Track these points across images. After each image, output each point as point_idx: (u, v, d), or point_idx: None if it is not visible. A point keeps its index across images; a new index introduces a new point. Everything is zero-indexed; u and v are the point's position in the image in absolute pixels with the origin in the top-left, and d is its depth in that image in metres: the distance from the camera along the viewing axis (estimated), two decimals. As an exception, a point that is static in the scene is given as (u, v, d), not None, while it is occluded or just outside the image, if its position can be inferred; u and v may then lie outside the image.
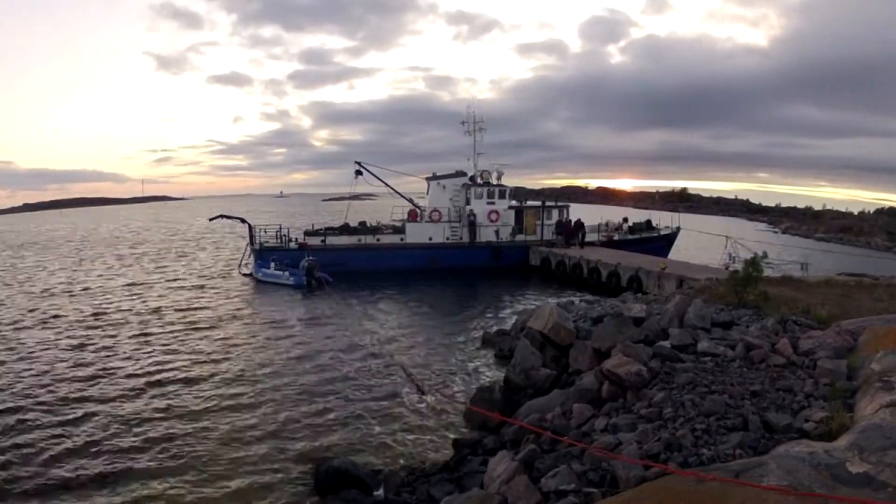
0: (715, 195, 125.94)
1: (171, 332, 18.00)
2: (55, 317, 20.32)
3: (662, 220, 35.18)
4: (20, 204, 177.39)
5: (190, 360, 14.93)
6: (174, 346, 16.28)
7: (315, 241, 30.10)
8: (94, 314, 20.57)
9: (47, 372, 13.84)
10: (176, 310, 21.32)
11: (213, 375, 13.65)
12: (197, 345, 16.47)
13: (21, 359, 15.02)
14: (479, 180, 32.01)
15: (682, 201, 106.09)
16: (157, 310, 21.31)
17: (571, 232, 30.97)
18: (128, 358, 15.06)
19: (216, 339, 17.07)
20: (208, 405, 11.80)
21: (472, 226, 30.87)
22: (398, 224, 32.08)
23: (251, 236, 30.07)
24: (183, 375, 13.65)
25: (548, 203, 34.37)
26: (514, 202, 33.34)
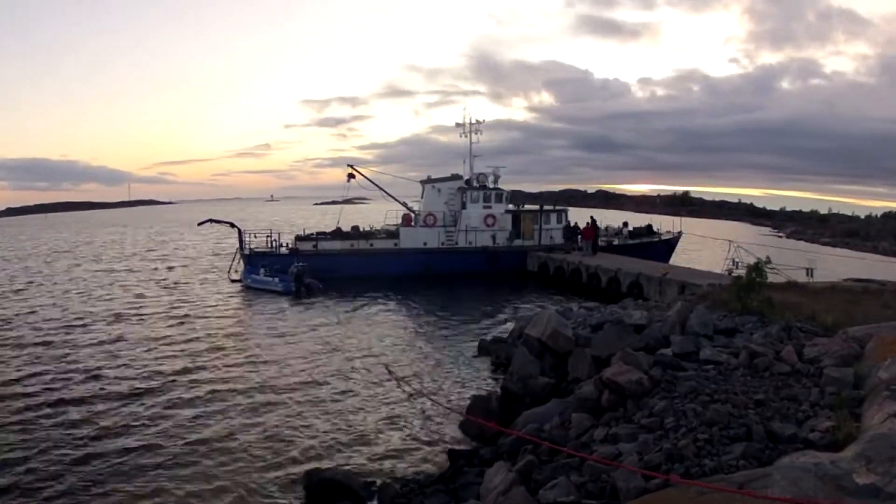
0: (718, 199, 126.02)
1: (157, 338, 17.74)
2: (33, 319, 20.15)
3: (664, 224, 34.95)
4: (3, 208, 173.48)
5: (174, 367, 14.67)
6: (159, 354, 16.04)
7: (307, 246, 29.92)
8: (77, 319, 20.37)
9: (27, 382, 13.50)
10: (162, 316, 21.10)
11: (197, 384, 13.39)
12: (181, 352, 16.19)
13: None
14: (475, 183, 31.84)
15: (683, 205, 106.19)
16: (142, 316, 21.10)
17: (577, 235, 30.61)
18: (111, 365, 14.80)
19: (200, 347, 16.73)
20: (192, 414, 11.56)
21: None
22: (392, 228, 31.92)
23: (241, 241, 29.87)
24: (167, 383, 13.43)
25: (546, 207, 34.19)
26: (510, 206, 33.15)
